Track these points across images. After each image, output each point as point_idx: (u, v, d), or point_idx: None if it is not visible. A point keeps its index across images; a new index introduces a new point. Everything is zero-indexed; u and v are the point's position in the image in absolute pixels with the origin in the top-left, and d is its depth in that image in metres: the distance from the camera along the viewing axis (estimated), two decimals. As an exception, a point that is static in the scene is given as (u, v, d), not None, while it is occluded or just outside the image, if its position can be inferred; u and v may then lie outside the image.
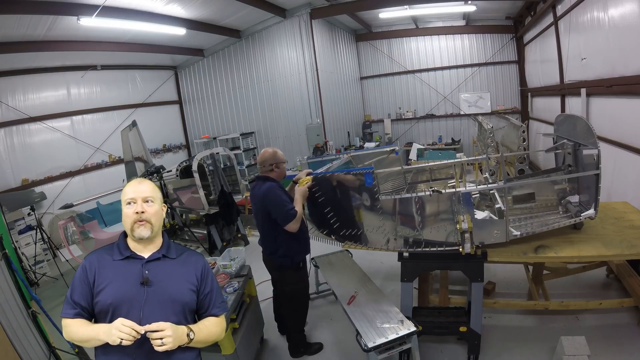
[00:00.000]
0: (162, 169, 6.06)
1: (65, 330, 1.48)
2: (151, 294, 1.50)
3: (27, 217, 6.78)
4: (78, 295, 1.48)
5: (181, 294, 1.57)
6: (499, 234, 2.74)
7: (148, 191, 1.60)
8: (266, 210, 2.96)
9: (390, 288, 4.19)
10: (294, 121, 10.10)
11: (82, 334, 1.44)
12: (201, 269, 1.67)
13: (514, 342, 3.18)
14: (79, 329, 1.45)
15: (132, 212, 1.55)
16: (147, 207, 1.58)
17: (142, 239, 1.57)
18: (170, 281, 1.57)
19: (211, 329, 1.61)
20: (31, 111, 8.11)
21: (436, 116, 11.81)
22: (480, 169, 7.31)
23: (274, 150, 3.12)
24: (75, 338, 1.46)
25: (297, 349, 3.38)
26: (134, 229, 1.55)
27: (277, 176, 3.09)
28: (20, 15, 5.87)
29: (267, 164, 3.06)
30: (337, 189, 2.94)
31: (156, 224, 1.60)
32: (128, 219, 1.56)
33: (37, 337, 2.92)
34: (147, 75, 10.93)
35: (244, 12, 8.51)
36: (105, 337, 1.39)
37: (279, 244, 3.05)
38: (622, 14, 4.46)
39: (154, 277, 1.54)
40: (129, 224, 1.56)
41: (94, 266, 1.53)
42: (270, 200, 2.91)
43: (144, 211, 1.56)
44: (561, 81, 6.92)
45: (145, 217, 1.56)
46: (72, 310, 1.47)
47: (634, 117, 4.39)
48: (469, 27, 10.95)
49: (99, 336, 1.41)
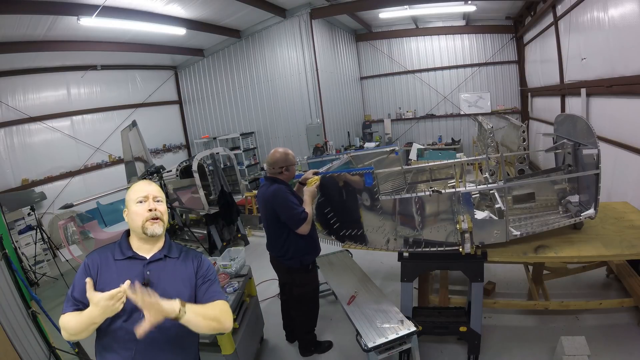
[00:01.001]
0: (162, 169, 6.06)
1: (62, 324, 1.44)
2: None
3: (27, 217, 6.78)
4: (78, 292, 1.47)
5: (181, 294, 1.56)
6: (499, 234, 2.74)
7: (157, 191, 1.66)
8: (274, 212, 2.89)
9: (390, 288, 4.19)
10: (294, 121, 10.10)
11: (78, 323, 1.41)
12: (198, 263, 1.69)
13: (514, 342, 3.18)
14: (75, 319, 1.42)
15: (145, 210, 1.57)
16: (157, 205, 1.62)
17: (154, 236, 1.58)
18: (172, 282, 1.57)
19: (207, 308, 1.52)
20: (31, 111, 8.11)
21: (436, 116, 11.80)
22: (480, 169, 7.32)
23: (285, 152, 3.01)
24: (73, 329, 1.42)
25: (307, 348, 3.36)
26: (147, 227, 1.56)
27: (286, 178, 3.00)
28: (20, 15, 5.86)
29: (277, 165, 2.95)
30: (338, 189, 2.94)
31: (166, 223, 1.64)
32: (139, 217, 1.57)
33: (37, 337, 2.92)
34: (147, 75, 10.93)
35: (244, 12, 8.50)
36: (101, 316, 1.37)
37: (288, 246, 2.98)
38: (622, 14, 4.46)
39: (156, 278, 1.55)
40: (141, 221, 1.57)
41: (96, 265, 1.53)
42: (279, 203, 2.84)
43: (156, 209, 1.59)
44: (561, 81, 6.92)
45: (158, 215, 1.59)
46: (72, 307, 1.47)
47: (634, 117, 4.39)
48: (469, 27, 10.95)
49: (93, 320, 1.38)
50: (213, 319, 1.50)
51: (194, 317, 1.44)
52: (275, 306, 4.23)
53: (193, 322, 1.44)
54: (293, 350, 3.53)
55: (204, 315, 1.48)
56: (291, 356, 3.47)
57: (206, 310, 1.50)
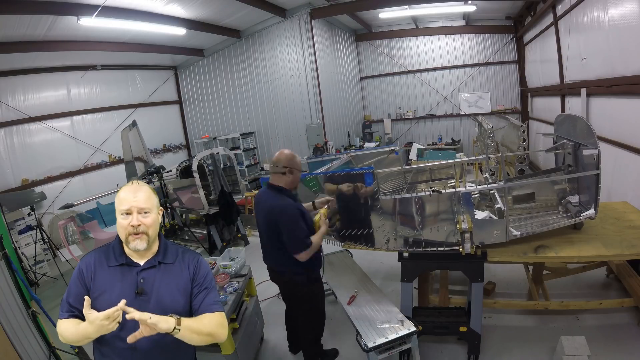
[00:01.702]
0: (162, 169, 6.07)
1: (60, 331, 1.45)
2: (145, 304, 1.46)
3: (27, 217, 6.78)
4: (73, 298, 1.47)
5: (176, 301, 1.54)
6: (499, 234, 2.74)
7: (143, 201, 1.52)
8: (276, 227, 2.63)
9: (390, 288, 4.19)
10: (294, 121, 10.11)
11: (74, 334, 1.41)
12: (194, 268, 1.62)
13: (514, 342, 3.18)
14: (71, 329, 1.42)
15: (128, 224, 1.49)
16: (143, 218, 1.51)
17: (138, 251, 1.52)
18: (166, 290, 1.54)
19: (203, 321, 1.51)
20: (31, 111, 8.11)
21: (436, 116, 11.81)
22: (480, 169, 7.32)
23: (292, 154, 2.75)
24: (69, 339, 1.43)
25: (314, 358, 3.14)
26: (129, 242, 1.50)
27: (288, 184, 2.72)
28: (20, 15, 5.87)
29: (280, 164, 2.68)
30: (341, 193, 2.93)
31: (153, 234, 1.54)
32: (123, 230, 1.50)
33: (37, 337, 2.92)
34: (147, 75, 10.93)
35: (244, 12, 8.51)
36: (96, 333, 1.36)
37: (286, 259, 2.69)
38: (622, 14, 4.46)
39: (149, 286, 1.51)
40: (124, 235, 1.50)
41: (90, 270, 1.51)
42: (286, 222, 2.59)
43: (139, 224, 1.49)
44: (561, 81, 6.92)
45: (142, 230, 1.50)
46: (66, 313, 1.46)
47: (634, 117, 4.39)
48: (469, 27, 10.95)
49: (89, 335, 1.38)
50: (208, 334, 1.50)
51: (189, 334, 1.43)
52: (275, 306, 4.23)
53: (187, 337, 1.44)
54: (293, 350, 3.52)
55: (198, 332, 1.47)
56: (291, 356, 3.47)
57: (201, 327, 1.48)
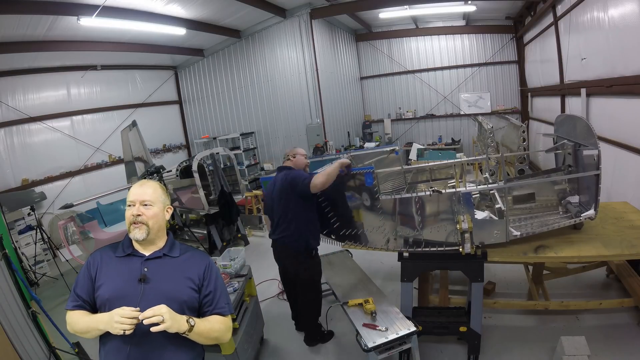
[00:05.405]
0: (162, 169, 6.07)
1: (68, 322, 1.54)
2: (148, 291, 1.52)
3: (27, 217, 6.78)
4: (80, 288, 1.57)
5: (179, 291, 1.58)
6: (499, 234, 2.75)
7: (148, 194, 1.64)
8: (286, 191, 3.08)
9: (390, 288, 4.19)
10: (294, 121, 10.10)
11: (82, 325, 1.51)
12: (204, 267, 1.68)
13: (514, 342, 3.19)
14: (80, 320, 1.52)
15: (130, 214, 1.61)
16: (144, 209, 1.62)
17: (138, 241, 1.62)
18: (169, 279, 1.59)
19: (213, 324, 1.59)
20: (31, 111, 8.09)
21: (436, 116, 11.80)
22: (480, 169, 7.32)
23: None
24: (77, 329, 1.52)
25: (313, 338, 3.51)
26: (130, 231, 1.62)
27: (294, 164, 3.28)
28: (20, 15, 5.85)
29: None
30: (338, 188, 2.94)
31: (154, 226, 1.63)
32: (127, 220, 1.63)
33: (37, 337, 2.92)
34: (147, 75, 10.91)
35: (244, 12, 8.50)
36: (105, 327, 1.44)
37: (294, 230, 3.12)
38: (622, 14, 4.46)
39: (153, 275, 1.57)
40: (127, 224, 1.63)
41: (97, 262, 1.61)
42: (292, 177, 3.06)
43: (139, 214, 1.60)
44: (561, 81, 6.92)
45: (141, 220, 1.60)
46: (72, 303, 1.55)
47: (634, 117, 4.39)
48: (469, 27, 10.95)
49: (98, 326, 1.47)
50: (214, 339, 1.62)
51: (197, 337, 1.55)
52: (275, 306, 4.24)
53: (194, 338, 1.54)
54: (293, 351, 3.53)
55: (206, 336, 1.58)
56: (291, 356, 3.48)
57: (210, 332, 1.58)
